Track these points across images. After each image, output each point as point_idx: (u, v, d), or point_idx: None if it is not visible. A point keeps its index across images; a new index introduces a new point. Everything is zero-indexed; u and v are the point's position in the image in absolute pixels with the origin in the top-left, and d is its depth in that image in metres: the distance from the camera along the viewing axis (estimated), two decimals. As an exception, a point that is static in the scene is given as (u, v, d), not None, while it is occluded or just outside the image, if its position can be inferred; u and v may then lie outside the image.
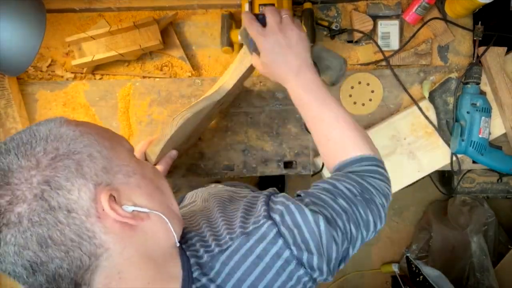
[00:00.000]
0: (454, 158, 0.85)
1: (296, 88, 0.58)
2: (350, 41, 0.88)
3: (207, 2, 0.86)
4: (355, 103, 0.87)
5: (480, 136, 0.81)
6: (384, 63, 0.87)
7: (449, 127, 0.84)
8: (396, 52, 0.87)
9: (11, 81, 0.82)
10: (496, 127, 0.85)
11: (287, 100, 0.85)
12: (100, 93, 0.86)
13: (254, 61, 0.65)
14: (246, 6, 0.80)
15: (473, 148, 0.81)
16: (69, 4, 0.85)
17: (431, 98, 0.85)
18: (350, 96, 0.87)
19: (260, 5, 0.79)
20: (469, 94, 0.82)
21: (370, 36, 0.86)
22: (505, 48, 0.83)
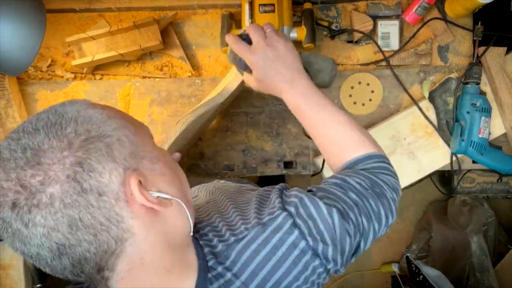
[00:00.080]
0: (454, 158, 0.85)
1: (292, 97, 0.59)
2: (350, 41, 0.88)
3: (207, 2, 0.86)
4: (355, 103, 0.87)
5: (480, 136, 0.81)
6: (384, 63, 0.87)
7: (449, 127, 0.84)
8: (396, 52, 0.87)
9: (11, 81, 0.82)
10: (496, 127, 0.85)
11: (287, 100, 0.85)
12: (100, 93, 0.86)
13: (247, 79, 0.65)
14: (246, 6, 0.80)
15: (473, 148, 0.81)
16: (69, 4, 0.85)
17: (431, 98, 0.85)
18: (350, 96, 0.87)
19: (260, 5, 0.79)
20: (469, 94, 0.82)
21: (370, 36, 0.87)
22: (505, 48, 0.83)
